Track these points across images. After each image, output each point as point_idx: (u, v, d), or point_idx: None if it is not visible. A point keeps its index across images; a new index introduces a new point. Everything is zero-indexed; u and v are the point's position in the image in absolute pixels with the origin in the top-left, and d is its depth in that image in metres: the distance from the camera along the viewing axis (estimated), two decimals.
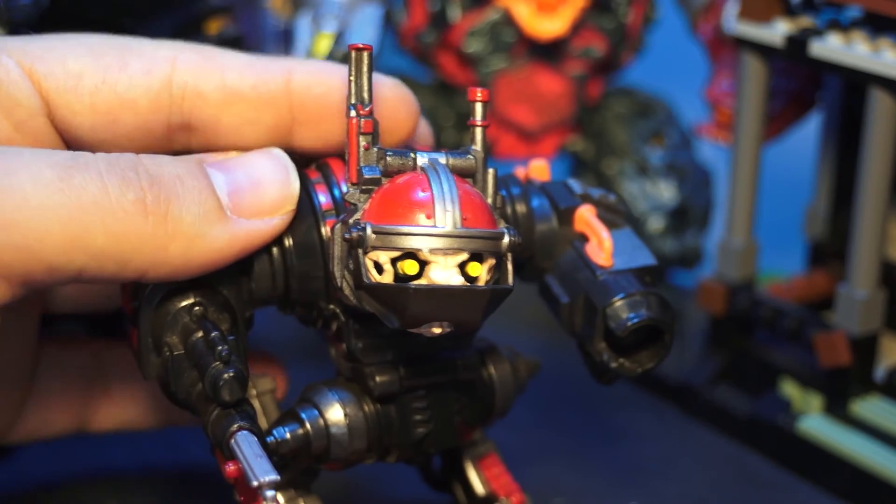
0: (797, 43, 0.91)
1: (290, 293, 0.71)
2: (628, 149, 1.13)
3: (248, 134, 0.73)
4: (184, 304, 0.67)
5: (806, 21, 0.93)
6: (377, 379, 0.71)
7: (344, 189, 0.70)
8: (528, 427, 0.97)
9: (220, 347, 0.65)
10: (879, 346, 0.93)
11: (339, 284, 0.66)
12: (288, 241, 0.70)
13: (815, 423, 0.93)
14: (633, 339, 0.71)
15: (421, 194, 0.64)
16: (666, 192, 1.12)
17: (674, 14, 1.13)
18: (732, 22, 0.95)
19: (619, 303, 0.70)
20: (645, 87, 1.16)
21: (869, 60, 0.87)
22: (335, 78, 0.74)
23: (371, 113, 0.67)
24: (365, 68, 0.67)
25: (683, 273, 1.15)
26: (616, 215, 0.75)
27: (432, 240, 0.63)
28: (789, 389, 0.97)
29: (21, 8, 0.82)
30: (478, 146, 0.68)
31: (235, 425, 0.64)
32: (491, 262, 0.64)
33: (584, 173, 1.16)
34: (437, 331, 0.64)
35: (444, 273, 0.63)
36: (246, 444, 0.64)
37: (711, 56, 1.08)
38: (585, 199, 0.74)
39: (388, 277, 0.63)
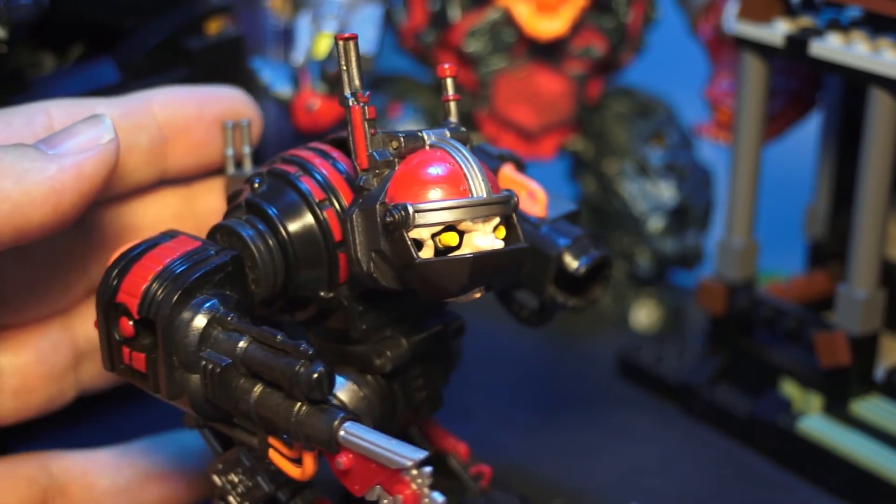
0: (797, 43, 0.91)
1: (287, 288, 0.71)
2: (628, 149, 1.13)
3: (129, 160, 0.78)
4: (210, 315, 0.66)
5: (806, 21, 0.93)
6: (389, 354, 0.73)
7: (321, 177, 0.71)
8: (528, 427, 0.97)
9: (302, 347, 0.64)
10: (879, 346, 0.93)
11: (365, 269, 0.67)
12: (284, 235, 0.70)
13: (815, 423, 0.93)
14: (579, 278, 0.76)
15: (449, 168, 0.66)
16: (666, 192, 1.12)
17: (674, 14, 1.13)
18: (732, 22, 0.95)
19: (569, 248, 0.75)
20: (645, 87, 1.16)
21: (869, 60, 0.87)
22: (188, 92, 0.81)
23: (369, 99, 0.68)
24: (353, 57, 0.69)
25: (683, 273, 1.15)
26: (524, 171, 0.78)
27: (473, 209, 0.65)
28: (789, 389, 0.97)
29: (21, 8, 0.82)
30: (455, 118, 0.70)
31: (340, 416, 0.64)
32: (505, 223, 0.67)
33: (584, 173, 1.16)
34: (478, 295, 0.66)
35: (486, 239, 0.65)
36: (364, 431, 0.63)
37: (711, 56, 1.08)
38: (502, 159, 0.77)
39: (428, 253, 0.65)
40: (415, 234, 0.65)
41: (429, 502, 0.62)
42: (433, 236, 0.65)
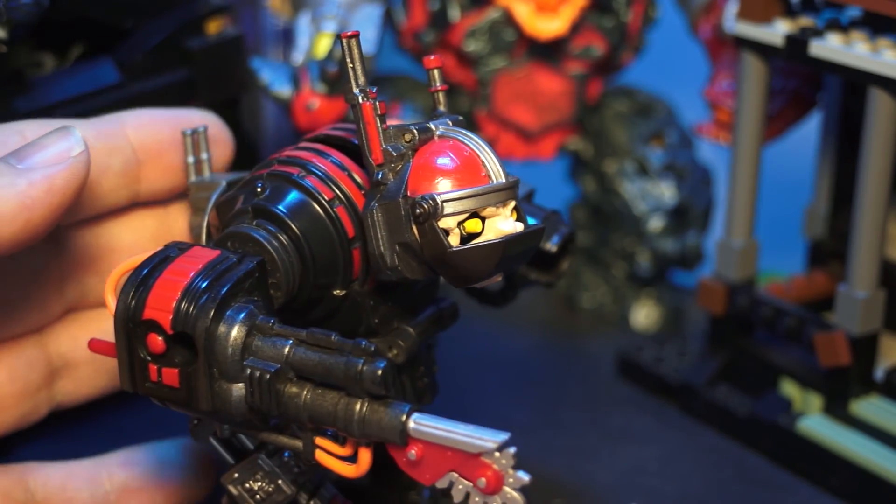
0: (797, 43, 0.91)
1: (302, 291, 0.71)
2: (628, 149, 1.13)
3: (102, 183, 0.78)
4: (250, 323, 0.66)
5: (806, 21, 0.93)
6: (402, 344, 0.74)
7: (325, 175, 0.71)
8: (528, 427, 0.97)
9: (364, 344, 0.64)
10: (879, 346, 0.93)
11: (390, 263, 0.67)
12: (299, 236, 0.70)
13: (815, 423, 0.93)
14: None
15: (467, 156, 0.67)
16: (666, 192, 1.12)
17: (674, 14, 1.13)
18: (732, 22, 0.95)
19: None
20: (645, 87, 1.16)
21: (869, 60, 0.87)
22: (162, 115, 0.81)
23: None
24: (357, 54, 0.68)
25: (683, 273, 1.15)
26: None
27: (496, 195, 0.66)
28: (789, 389, 0.97)
29: (21, 8, 0.82)
30: (444, 108, 0.71)
31: (407, 408, 0.64)
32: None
33: (584, 173, 1.16)
34: (499, 278, 0.68)
35: (508, 222, 0.67)
36: (434, 420, 0.64)
37: (711, 56, 1.08)
38: None
39: (455, 240, 0.66)
40: (442, 223, 0.65)
41: (513, 482, 0.63)
42: (458, 224, 0.66)
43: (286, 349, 0.65)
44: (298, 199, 0.71)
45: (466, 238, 0.66)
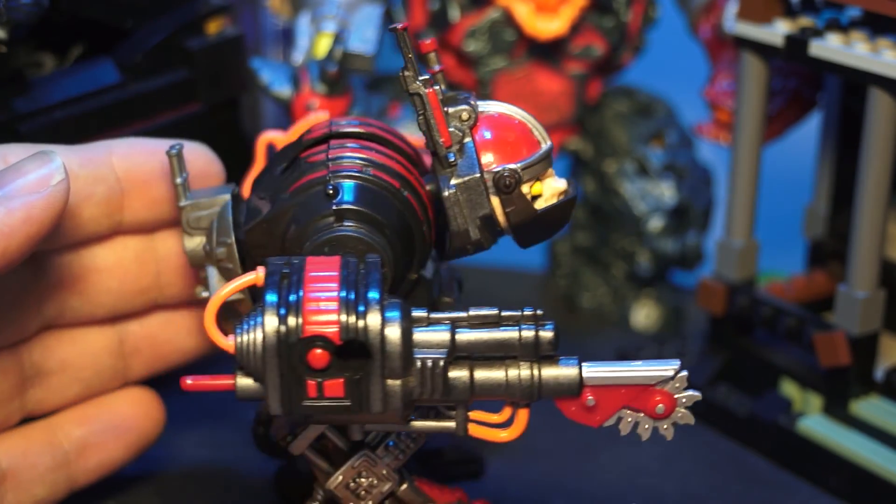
0: (797, 43, 0.91)
1: (394, 280, 0.73)
2: (628, 149, 1.13)
3: (84, 210, 0.78)
4: (408, 318, 0.67)
5: (806, 21, 0.93)
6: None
7: (385, 166, 0.74)
8: (528, 427, 0.97)
9: (528, 311, 0.68)
10: (879, 346, 0.93)
11: (473, 238, 0.72)
12: (389, 229, 0.72)
13: (815, 423, 0.93)
14: None
15: (520, 125, 0.73)
16: (666, 192, 1.12)
17: (674, 14, 1.13)
18: (732, 22, 0.95)
19: None
20: (645, 87, 1.16)
21: (869, 60, 0.87)
22: (152, 145, 0.81)
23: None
24: (411, 45, 0.72)
25: (683, 273, 1.15)
26: None
27: (550, 157, 0.73)
28: (789, 389, 0.97)
29: (21, 8, 0.82)
30: (446, 88, 0.75)
31: (575, 360, 0.68)
32: None
33: (584, 173, 1.16)
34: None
35: (557, 181, 0.73)
36: (601, 365, 0.69)
37: (711, 56, 1.08)
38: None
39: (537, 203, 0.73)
40: (523, 189, 0.72)
41: (686, 401, 0.70)
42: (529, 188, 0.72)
43: (448, 334, 0.67)
44: (374, 193, 0.72)
45: (532, 199, 0.72)
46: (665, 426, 0.71)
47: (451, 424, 0.70)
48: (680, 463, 0.94)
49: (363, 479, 0.74)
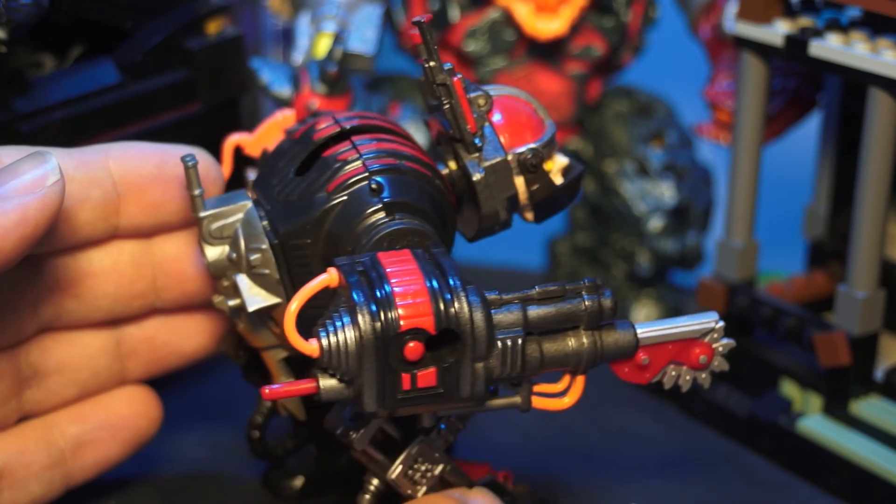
0: (797, 43, 0.91)
1: None
2: (628, 149, 1.13)
3: (80, 214, 0.78)
4: (486, 301, 0.68)
5: (806, 21, 0.93)
6: None
7: (413, 157, 0.76)
8: (528, 427, 0.97)
9: (587, 282, 0.71)
10: (879, 346, 0.93)
11: (503, 217, 0.76)
12: (435, 218, 0.74)
13: (815, 423, 0.93)
14: None
15: (528, 108, 0.77)
16: (666, 192, 1.12)
17: (674, 14, 1.13)
18: (732, 22, 0.95)
19: None
20: (645, 87, 1.16)
21: (868, 60, 0.87)
22: (149, 149, 0.80)
23: None
24: (434, 37, 0.74)
25: (683, 273, 1.15)
26: None
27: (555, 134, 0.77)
28: (789, 389, 0.97)
29: (21, 8, 0.82)
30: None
31: (628, 322, 0.72)
32: None
33: (584, 173, 1.16)
34: None
35: (563, 157, 0.78)
36: (650, 324, 0.73)
37: (711, 56, 1.08)
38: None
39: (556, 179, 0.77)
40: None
41: (723, 349, 0.74)
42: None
43: (521, 313, 0.69)
44: (413, 184, 0.74)
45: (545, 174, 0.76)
46: (703, 375, 0.75)
47: (518, 399, 0.72)
48: (680, 463, 0.94)
49: (420, 465, 0.75)
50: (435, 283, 0.67)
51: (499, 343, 0.68)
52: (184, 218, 0.82)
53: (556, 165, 0.77)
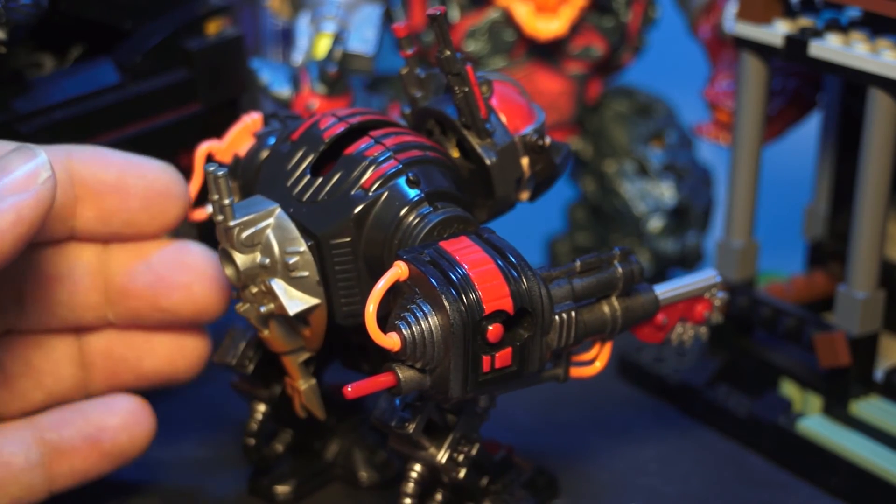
0: (797, 43, 0.91)
1: None
2: (628, 149, 1.13)
3: None
4: (542, 278, 0.70)
5: (805, 21, 0.93)
6: None
7: (432, 146, 0.78)
8: (528, 427, 0.97)
9: (617, 251, 0.74)
10: (879, 347, 0.93)
11: (514, 198, 0.79)
12: (462, 202, 0.75)
13: (815, 423, 0.93)
14: None
15: (516, 91, 0.80)
16: (666, 192, 1.12)
17: (674, 14, 1.13)
18: (732, 22, 0.95)
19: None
20: (645, 87, 1.16)
21: (868, 61, 0.87)
22: (113, 157, 0.80)
23: None
24: (448, 29, 0.75)
25: (683, 273, 1.15)
26: None
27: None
28: (789, 390, 0.97)
29: (21, 9, 0.82)
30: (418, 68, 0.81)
31: (648, 285, 0.76)
32: None
33: (584, 173, 1.16)
34: None
35: (548, 137, 0.80)
36: (663, 285, 0.77)
37: (711, 56, 1.08)
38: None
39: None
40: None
41: (720, 303, 0.79)
42: None
43: (569, 286, 0.73)
44: (443, 173, 0.76)
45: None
46: (702, 329, 0.80)
47: (559, 371, 0.75)
48: (680, 463, 0.94)
49: (463, 447, 0.76)
50: (504, 265, 0.69)
51: (556, 318, 0.71)
52: (137, 231, 0.81)
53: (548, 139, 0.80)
